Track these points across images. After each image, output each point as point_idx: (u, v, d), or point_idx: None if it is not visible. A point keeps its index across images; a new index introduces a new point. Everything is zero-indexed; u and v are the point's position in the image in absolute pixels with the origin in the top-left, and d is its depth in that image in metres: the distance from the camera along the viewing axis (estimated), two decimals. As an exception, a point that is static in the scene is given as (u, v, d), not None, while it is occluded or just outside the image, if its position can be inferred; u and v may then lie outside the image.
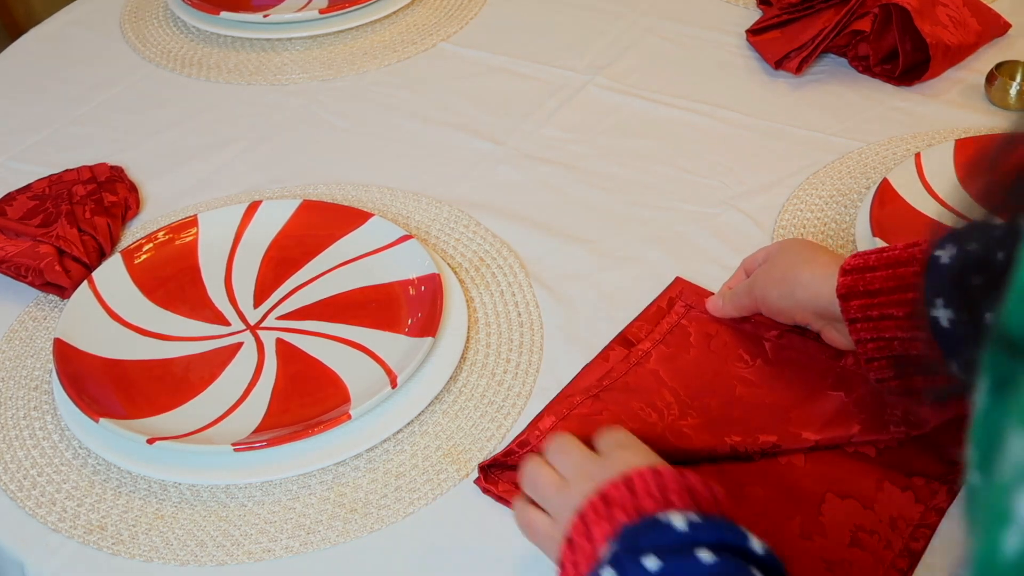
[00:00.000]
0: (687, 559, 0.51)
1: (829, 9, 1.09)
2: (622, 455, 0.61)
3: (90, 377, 0.79)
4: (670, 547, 0.52)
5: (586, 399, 0.75)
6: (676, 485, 0.56)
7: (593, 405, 0.75)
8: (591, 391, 0.76)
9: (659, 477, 0.56)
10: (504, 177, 0.99)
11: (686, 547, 0.52)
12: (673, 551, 0.52)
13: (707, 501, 0.56)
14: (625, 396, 0.76)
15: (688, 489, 0.56)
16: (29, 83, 1.18)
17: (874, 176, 0.95)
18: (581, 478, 0.60)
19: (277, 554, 0.69)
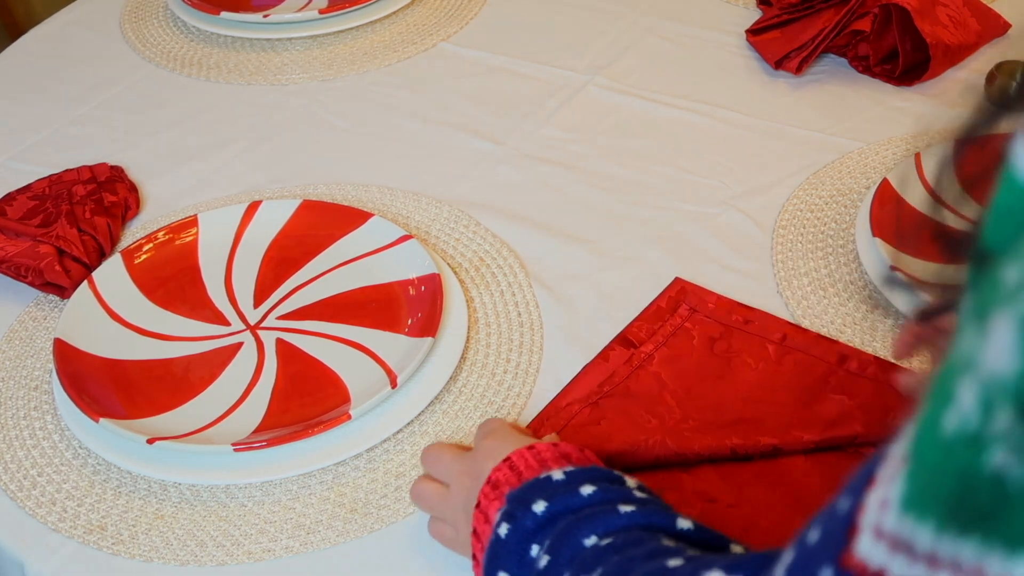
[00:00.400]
0: (571, 495, 0.57)
1: (829, 9, 1.09)
2: (489, 443, 0.65)
3: (90, 377, 0.79)
4: (554, 490, 0.58)
5: (584, 407, 0.75)
6: (552, 454, 0.61)
7: (592, 414, 0.75)
8: (590, 399, 0.76)
9: (535, 451, 0.61)
10: (504, 177, 0.99)
11: (569, 486, 0.58)
12: (557, 492, 0.58)
13: (584, 463, 0.61)
14: (625, 402, 0.76)
15: (564, 455, 0.61)
16: (29, 83, 1.18)
17: (874, 176, 0.95)
18: (457, 477, 0.65)
19: (277, 554, 0.69)
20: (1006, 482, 0.27)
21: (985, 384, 0.27)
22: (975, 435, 0.27)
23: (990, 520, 0.27)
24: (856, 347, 0.79)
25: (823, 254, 0.88)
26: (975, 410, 0.28)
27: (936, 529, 0.29)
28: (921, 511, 0.29)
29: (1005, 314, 0.27)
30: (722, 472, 0.71)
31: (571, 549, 0.54)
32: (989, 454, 0.27)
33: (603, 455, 0.71)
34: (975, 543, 0.28)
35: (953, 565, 0.28)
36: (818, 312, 0.83)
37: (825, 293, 0.84)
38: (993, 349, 0.27)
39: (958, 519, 0.28)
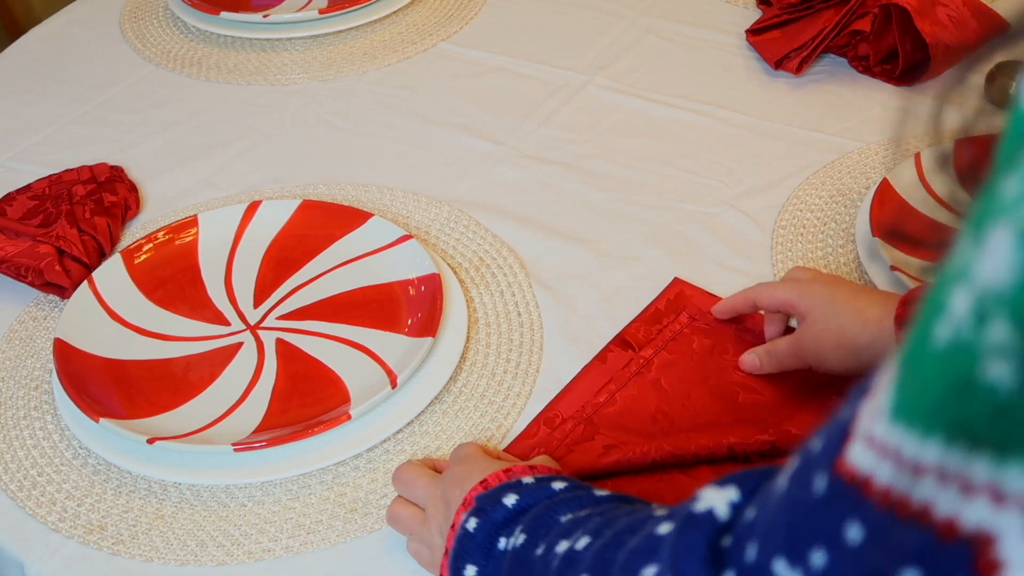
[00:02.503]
0: (541, 489, 0.58)
1: (829, 9, 1.09)
2: (460, 469, 0.65)
3: (90, 377, 0.79)
4: (525, 488, 0.59)
5: (578, 425, 0.75)
6: (524, 471, 0.62)
7: (585, 430, 0.75)
8: (584, 412, 0.76)
9: (510, 472, 0.62)
10: (504, 177, 0.99)
11: (539, 483, 0.59)
12: (528, 488, 0.59)
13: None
14: (621, 417, 0.75)
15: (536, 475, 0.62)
16: (29, 83, 1.18)
17: (874, 176, 0.95)
18: (433, 502, 0.65)
19: (277, 554, 0.69)
20: (998, 392, 0.27)
21: (980, 295, 0.27)
22: (968, 345, 0.28)
23: (979, 429, 0.27)
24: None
25: (823, 254, 0.88)
26: (969, 321, 0.28)
27: (922, 437, 0.29)
28: (909, 420, 0.29)
29: (1002, 225, 0.27)
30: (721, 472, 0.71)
31: (548, 526, 0.54)
32: (982, 364, 0.27)
33: (598, 466, 0.71)
34: (961, 451, 0.28)
35: (938, 472, 0.29)
36: (818, 312, 0.83)
37: (825, 293, 0.84)
38: (989, 260, 0.27)
39: (946, 428, 0.28)
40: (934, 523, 0.29)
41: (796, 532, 0.34)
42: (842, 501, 0.32)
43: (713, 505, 0.42)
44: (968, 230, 0.29)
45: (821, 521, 0.33)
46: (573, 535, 0.51)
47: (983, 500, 0.28)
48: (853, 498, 0.31)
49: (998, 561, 0.28)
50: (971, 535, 0.28)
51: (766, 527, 0.37)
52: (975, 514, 0.28)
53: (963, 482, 0.28)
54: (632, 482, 0.71)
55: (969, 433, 0.28)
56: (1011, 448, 0.27)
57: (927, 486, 0.29)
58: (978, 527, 0.28)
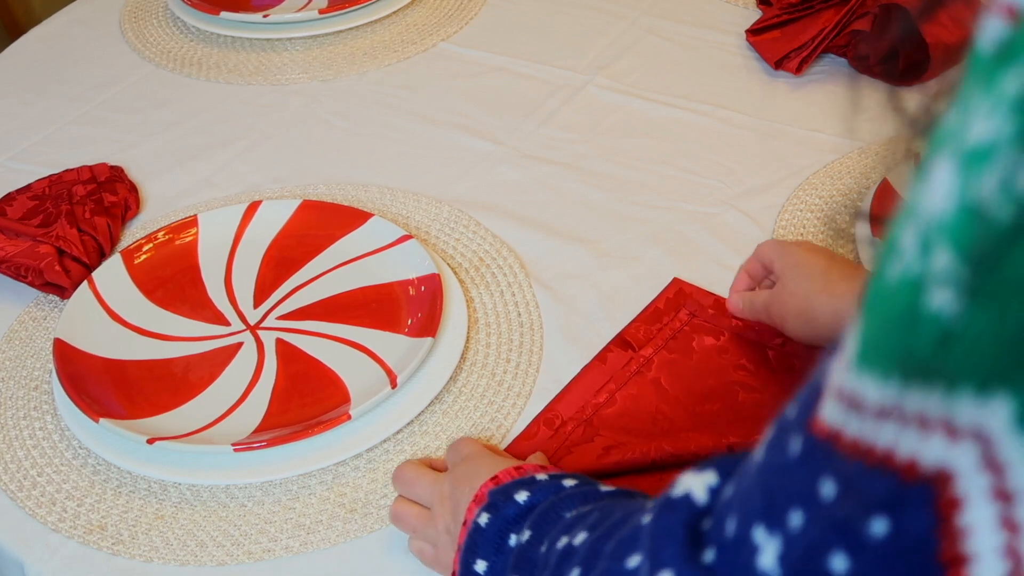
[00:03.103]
0: (553, 487, 0.58)
1: (829, 9, 1.09)
2: (467, 467, 0.65)
3: (90, 377, 0.79)
4: (537, 485, 0.59)
5: (578, 427, 0.75)
6: (535, 470, 0.61)
7: (585, 432, 0.74)
8: (584, 413, 0.76)
9: (521, 469, 0.61)
10: (504, 177, 0.99)
11: (551, 480, 0.59)
12: (540, 485, 0.59)
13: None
14: (621, 418, 0.75)
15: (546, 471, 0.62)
16: (29, 83, 1.18)
17: (874, 176, 0.95)
18: (439, 501, 0.65)
19: (277, 554, 0.69)
20: (941, 320, 0.27)
21: (923, 227, 0.28)
22: (915, 278, 0.28)
23: (928, 361, 0.28)
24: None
25: (823, 254, 0.88)
26: (915, 254, 0.28)
27: (881, 380, 0.29)
28: (871, 364, 0.30)
29: (942, 154, 0.28)
30: None
31: (552, 522, 0.55)
32: (928, 295, 0.27)
33: (598, 467, 0.71)
34: (916, 388, 0.28)
35: (898, 413, 0.29)
36: (818, 312, 0.83)
37: (825, 293, 0.84)
38: (930, 190, 0.28)
39: (901, 365, 0.28)
40: (897, 466, 0.29)
41: (772, 496, 0.34)
42: (816, 458, 0.32)
43: (690, 489, 0.43)
44: (918, 173, 0.29)
45: (796, 481, 0.33)
46: (573, 531, 0.52)
47: (939, 436, 0.28)
48: (826, 454, 0.32)
49: (957, 497, 0.28)
50: (931, 474, 0.28)
51: (743, 498, 0.37)
52: (932, 451, 0.28)
53: (920, 420, 0.28)
54: (632, 482, 0.71)
55: (920, 367, 0.28)
56: (958, 378, 0.27)
57: (889, 429, 0.29)
58: (936, 465, 0.28)
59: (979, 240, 0.26)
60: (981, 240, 0.26)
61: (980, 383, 0.27)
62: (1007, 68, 0.26)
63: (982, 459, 0.27)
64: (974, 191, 0.26)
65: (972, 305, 0.26)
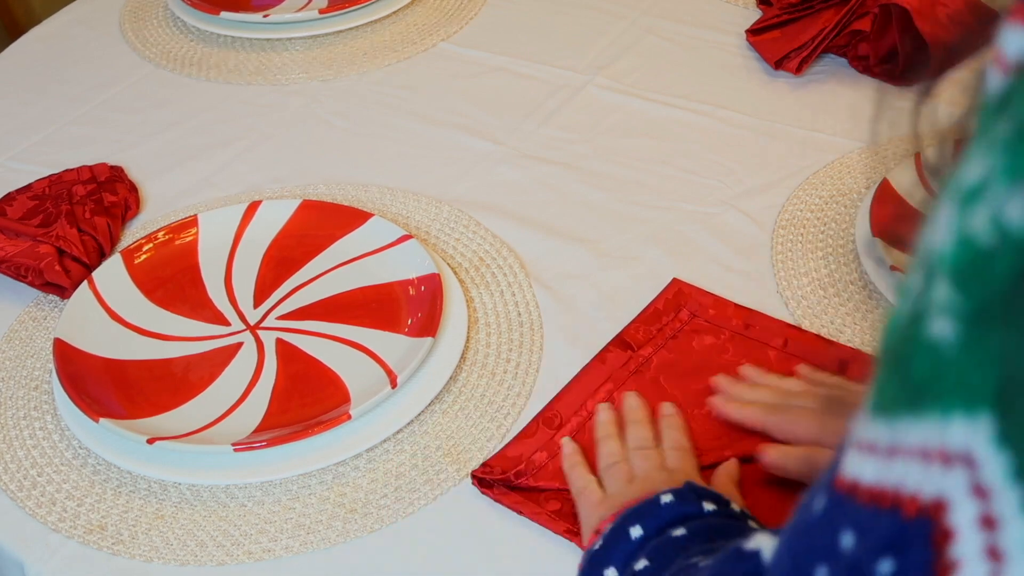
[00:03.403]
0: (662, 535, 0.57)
1: (829, 9, 1.09)
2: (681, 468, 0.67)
3: (90, 377, 0.79)
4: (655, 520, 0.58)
5: (577, 432, 0.74)
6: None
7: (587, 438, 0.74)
8: (583, 413, 0.75)
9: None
10: (504, 177, 0.99)
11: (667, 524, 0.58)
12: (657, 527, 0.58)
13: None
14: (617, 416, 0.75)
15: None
16: (29, 83, 1.18)
17: (874, 176, 0.95)
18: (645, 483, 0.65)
19: (277, 554, 0.69)
20: (941, 348, 0.28)
21: (927, 262, 0.30)
22: (918, 311, 0.29)
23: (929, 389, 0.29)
24: (857, 348, 0.78)
25: (823, 254, 0.88)
26: (919, 289, 0.30)
27: (893, 418, 0.30)
28: (883, 407, 0.31)
29: (946, 199, 0.29)
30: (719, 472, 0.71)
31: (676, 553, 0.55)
32: (928, 324, 0.29)
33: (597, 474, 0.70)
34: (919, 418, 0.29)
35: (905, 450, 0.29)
36: (818, 312, 0.83)
37: (825, 293, 0.84)
38: (934, 231, 0.30)
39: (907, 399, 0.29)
40: (902, 503, 0.30)
41: (798, 556, 0.35)
42: (837, 512, 0.33)
43: (761, 547, 0.43)
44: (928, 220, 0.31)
45: (820, 538, 0.33)
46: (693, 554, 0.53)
47: (936, 465, 0.28)
48: (845, 506, 0.32)
49: (949, 528, 0.28)
50: (929, 506, 0.29)
51: (777, 563, 0.37)
52: (931, 482, 0.29)
53: (923, 452, 0.29)
54: None
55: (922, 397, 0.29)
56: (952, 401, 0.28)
57: (897, 467, 0.30)
58: (934, 495, 0.29)
59: (973, 270, 0.28)
60: (975, 270, 0.28)
61: (969, 405, 0.28)
62: (1002, 114, 0.28)
63: (970, 485, 0.28)
64: (968, 226, 0.28)
65: (966, 331, 0.28)
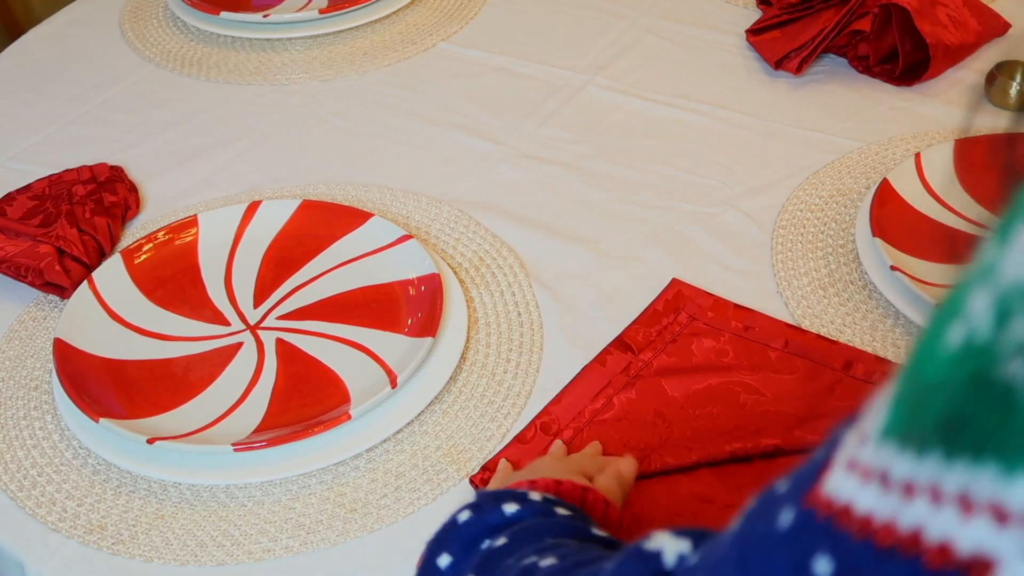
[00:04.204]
0: (544, 509, 0.56)
1: (829, 9, 1.09)
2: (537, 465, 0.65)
3: (90, 377, 0.79)
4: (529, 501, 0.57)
5: (575, 437, 0.74)
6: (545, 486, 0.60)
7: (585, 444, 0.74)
8: (580, 419, 0.75)
9: (533, 484, 0.60)
10: (504, 177, 0.99)
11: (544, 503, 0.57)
12: (531, 504, 0.57)
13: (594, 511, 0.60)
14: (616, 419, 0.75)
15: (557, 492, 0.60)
16: (29, 83, 1.18)
17: (874, 176, 0.95)
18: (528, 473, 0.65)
19: (277, 554, 0.69)
20: (1016, 392, 0.25)
21: (1003, 293, 0.26)
22: (985, 345, 0.26)
23: (987, 436, 0.26)
24: (858, 347, 0.78)
25: (823, 254, 0.88)
26: (988, 320, 0.26)
27: (917, 453, 0.27)
28: (903, 436, 0.28)
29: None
30: (720, 474, 0.71)
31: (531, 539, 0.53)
32: (1001, 364, 0.26)
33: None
34: (965, 462, 0.26)
35: (932, 491, 0.27)
36: (818, 312, 0.83)
37: (825, 293, 0.84)
38: (1014, 257, 0.26)
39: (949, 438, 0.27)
40: (924, 549, 0.27)
41: (748, 567, 0.33)
42: (810, 533, 0.30)
43: (662, 548, 0.42)
44: (994, 236, 0.27)
45: (781, 555, 0.31)
46: (544, 554, 0.50)
47: (984, 519, 0.26)
48: (824, 530, 0.30)
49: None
50: (967, 561, 0.26)
51: (711, 567, 0.36)
52: (974, 536, 0.26)
53: (963, 500, 0.26)
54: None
55: (976, 442, 0.26)
56: (1022, 458, 0.25)
57: (919, 508, 0.27)
58: (976, 551, 0.26)
59: None
60: None
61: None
62: None
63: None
64: None
65: None
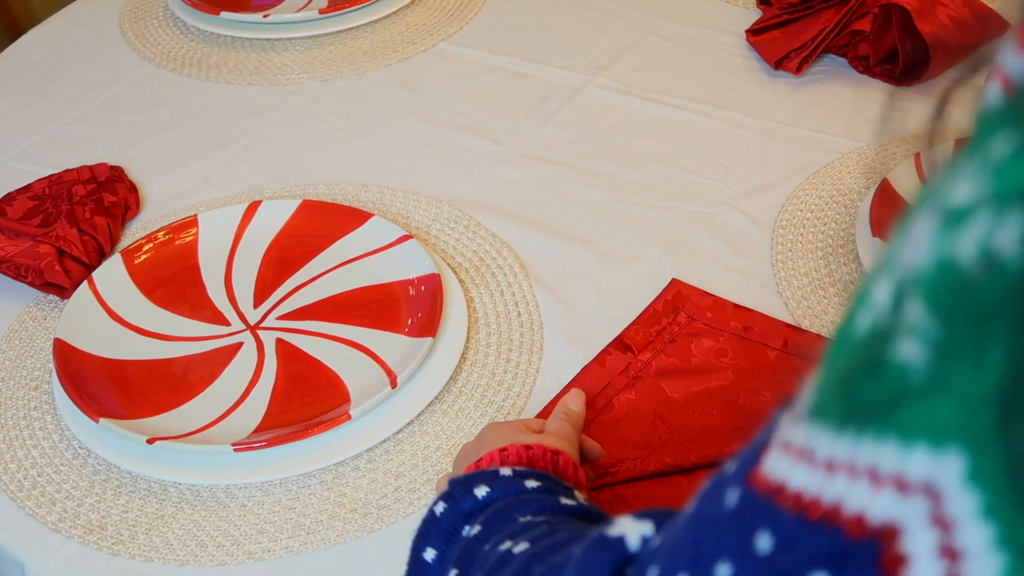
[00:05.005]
0: (514, 485, 0.57)
1: (829, 9, 1.09)
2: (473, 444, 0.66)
3: (90, 377, 0.79)
4: (499, 481, 0.58)
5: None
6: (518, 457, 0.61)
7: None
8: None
9: (505, 452, 0.62)
10: (504, 177, 0.99)
11: (514, 479, 0.58)
12: (502, 482, 0.58)
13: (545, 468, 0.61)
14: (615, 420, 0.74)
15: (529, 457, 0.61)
16: (29, 83, 1.18)
17: (874, 176, 0.95)
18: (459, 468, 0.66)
19: (277, 554, 0.69)
20: (907, 372, 0.27)
21: (899, 279, 0.28)
22: (884, 329, 0.28)
23: (889, 412, 0.28)
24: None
25: (823, 254, 0.88)
26: (887, 305, 0.28)
27: (836, 430, 0.29)
28: (825, 416, 0.30)
29: (926, 211, 0.28)
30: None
31: (503, 523, 0.54)
32: (895, 345, 0.28)
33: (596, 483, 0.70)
34: (871, 438, 0.28)
35: (849, 467, 0.29)
36: (818, 312, 0.83)
37: (825, 293, 0.84)
38: (909, 244, 0.28)
39: (858, 415, 0.29)
40: (843, 521, 0.29)
41: (701, 547, 0.34)
42: (753, 512, 0.32)
43: (625, 533, 0.43)
44: (901, 225, 0.29)
45: (729, 534, 0.33)
46: (517, 537, 0.51)
47: (889, 491, 0.28)
48: (764, 508, 0.31)
49: (903, 554, 0.28)
50: (877, 529, 0.28)
51: (670, 548, 0.37)
52: (881, 506, 0.28)
53: (872, 474, 0.28)
54: (629, 486, 0.70)
55: (878, 419, 0.28)
56: (916, 431, 0.27)
57: (838, 483, 0.29)
58: (884, 520, 0.28)
59: (952, 296, 0.27)
60: (954, 296, 0.27)
61: (936, 438, 0.27)
62: (996, 133, 0.27)
63: (931, 515, 0.27)
64: (952, 248, 0.27)
65: (938, 359, 0.27)
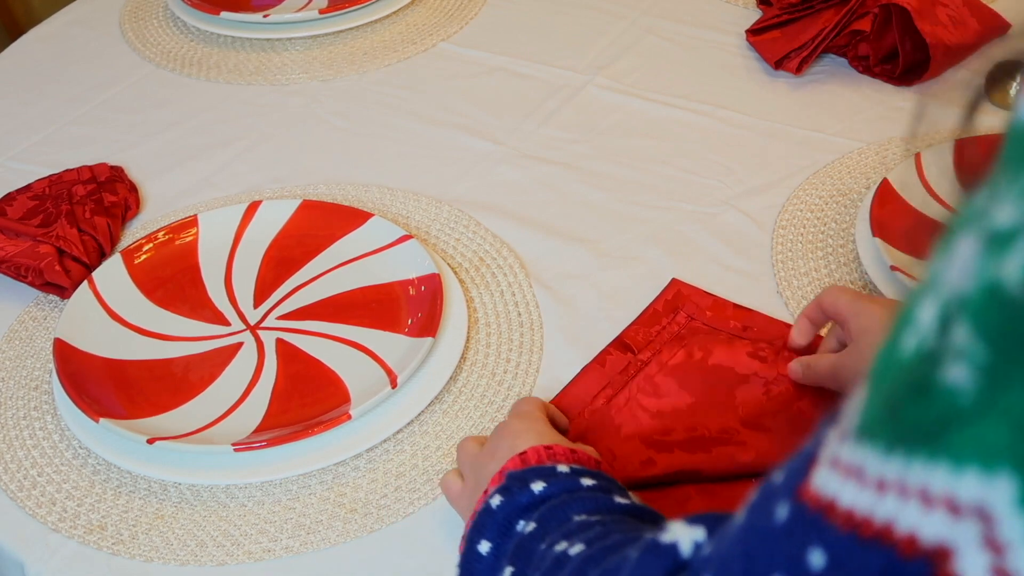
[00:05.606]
0: (570, 481, 0.58)
1: (829, 9, 1.09)
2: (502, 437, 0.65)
3: (90, 377, 0.79)
4: (556, 477, 0.58)
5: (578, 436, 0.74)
6: (566, 457, 0.61)
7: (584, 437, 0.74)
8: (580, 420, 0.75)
9: (551, 451, 0.62)
10: (504, 177, 0.99)
11: (571, 476, 0.58)
12: (558, 478, 0.58)
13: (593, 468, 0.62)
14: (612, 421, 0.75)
15: (576, 460, 0.62)
16: (29, 83, 1.18)
17: (874, 176, 0.95)
18: (473, 471, 0.65)
19: (277, 554, 0.69)
20: (955, 395, 0.27)
21: (945, 301, 0.28)
22: (931, 352, 0.28)
23: (938, 435, 0.28)
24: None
25: (823, 254, 0.88)
26: (933, 327, 0.28)
27: (885, 451, 0.29)
28: (874, 436, 0.30)
29: (969, 232, 0.28)
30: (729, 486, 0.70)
31: (559, 521, 0.54)
32: (943, 369, 0.28)
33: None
34: (921, 462, 0.28)
35: (899, 487, 0.29)
36: (818, 312, 0.82)
37: (825, 293, 0.84)
38: (954, 267, 0.28)
39: (907, 437, 0.29)
40: (895, 540, 0.29)
41: (754, 561, 0.34)
42: (804, 527, 0.32)
43: (678, 539, 0.43)
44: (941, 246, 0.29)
45: (781, 548, 0.33)
46: (573, 538, 0.51)
47: (941, 512, 0.28)
48: (816, 523, 0.32)
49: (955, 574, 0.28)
50: (930, 550, 0.28)
51: (721, 560, 0.37)
52: (933, 527, 0.28)
53: (923, 495, 0.28)
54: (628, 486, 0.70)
55: (928, 442, 0.28)
56: (965, 454, 0.27)
57: (889, 503, 0.29)
58: (936, 541, 0.28)
59: (999, 320, 0.27)
60: (1002, 320, 0.27)
61: (987, 461, 0.27)
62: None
63: (983, 538, 0.27)
64: (997, 272, 0.27)
65: (986, 383, 0.27)
